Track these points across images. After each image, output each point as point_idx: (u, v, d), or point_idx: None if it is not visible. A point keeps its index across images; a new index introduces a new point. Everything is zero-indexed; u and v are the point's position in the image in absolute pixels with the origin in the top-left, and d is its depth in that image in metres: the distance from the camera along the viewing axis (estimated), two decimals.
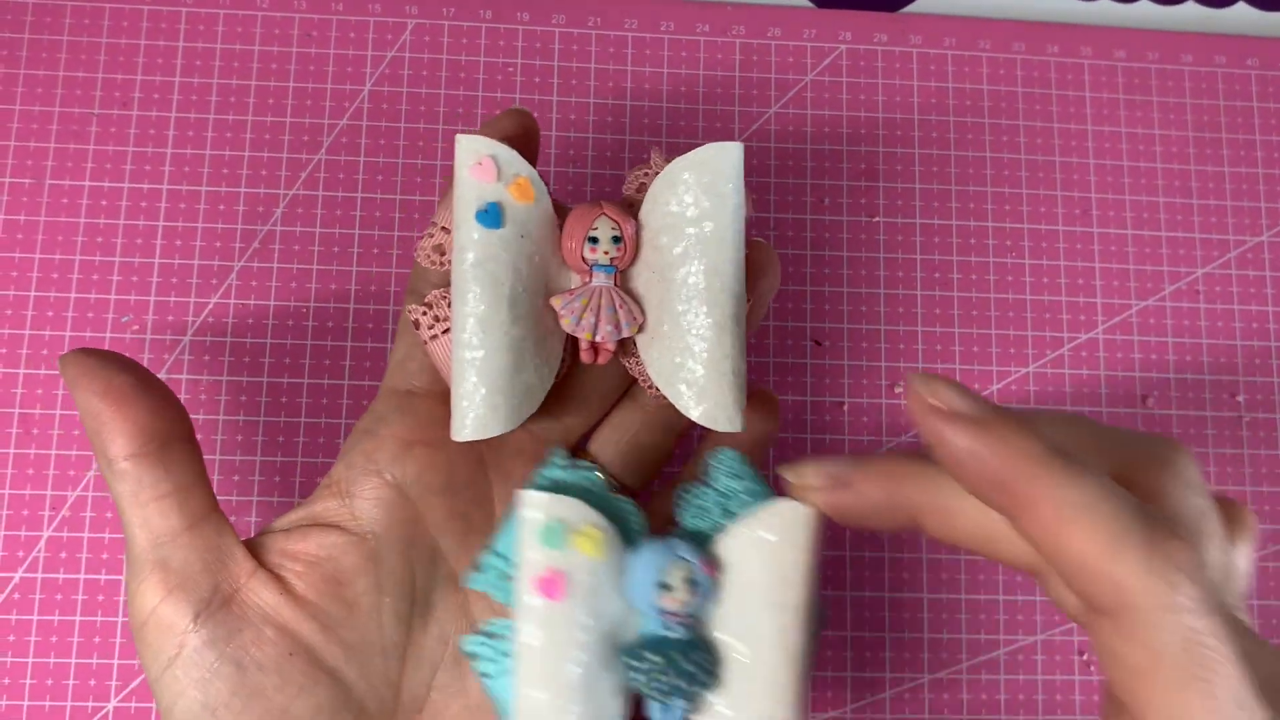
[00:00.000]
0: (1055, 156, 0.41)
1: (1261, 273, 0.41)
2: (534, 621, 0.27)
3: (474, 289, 0.28)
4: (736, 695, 0.28)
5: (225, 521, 0.30)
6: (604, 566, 0.28)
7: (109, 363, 0.29)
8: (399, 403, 0.31)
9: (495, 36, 0.40)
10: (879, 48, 0.41)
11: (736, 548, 0.28)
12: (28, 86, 0.38)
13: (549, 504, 0.27)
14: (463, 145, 0.29)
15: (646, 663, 0.27)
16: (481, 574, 0.29)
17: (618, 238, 0.30)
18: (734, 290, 0.29)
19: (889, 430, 0.38)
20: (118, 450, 0.28)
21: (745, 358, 0.29)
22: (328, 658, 0.29)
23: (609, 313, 0.29)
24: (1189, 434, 0.39)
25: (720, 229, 0.29)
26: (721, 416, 0.29)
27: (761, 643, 0.28)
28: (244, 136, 0.39)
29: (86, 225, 0.38)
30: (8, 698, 0.35)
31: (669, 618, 0.28)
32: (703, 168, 0.29)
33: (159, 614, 0.29)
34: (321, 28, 0.39)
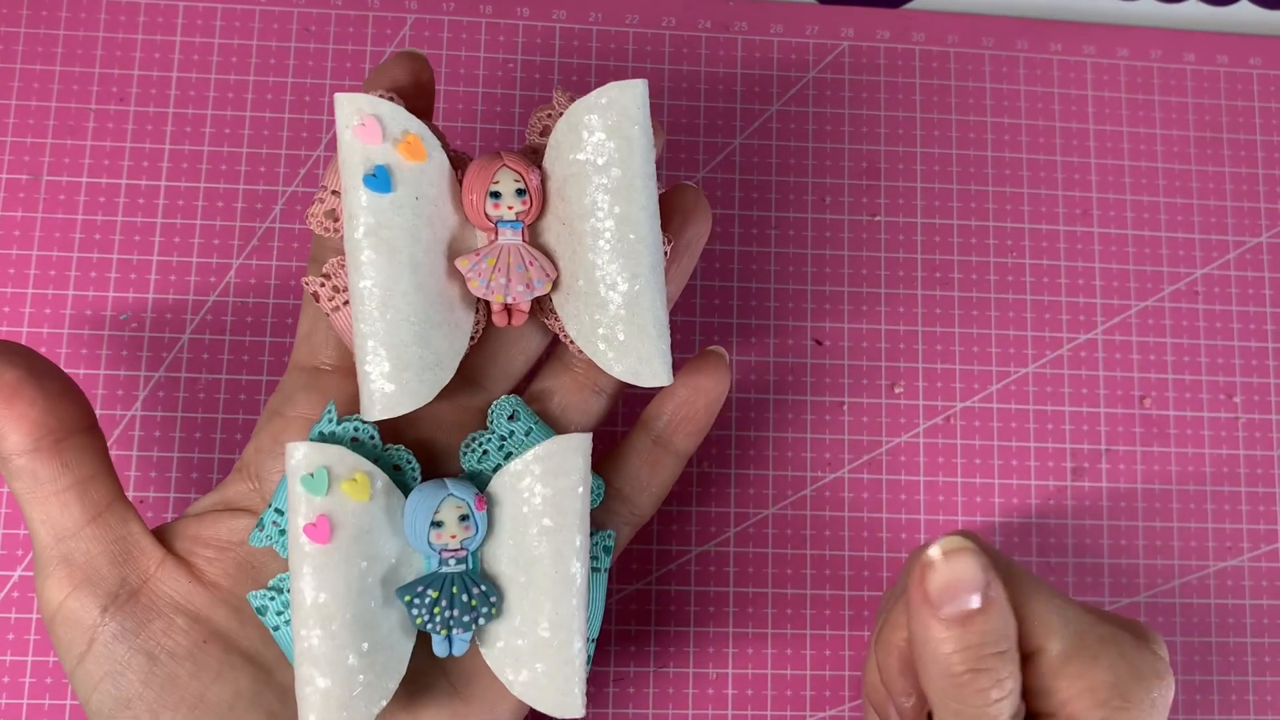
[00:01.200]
0: (1057, 156, 0.41)
1: (1260, 274, 0.41)
2: (307, 566, 0.27)
3: (368, 259, 0.27)
4: (518, 620, 0.29)
5: (131, 510, 0.29)
6: (374, 509, 0.28)
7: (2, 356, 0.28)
8: (306, 380, 0.30)
9: (495, 31, 0.40)
10: (881, 44, 0.41)
11: (511, 482, 0.29)
12: (24, 81, 0.38)
13: (311, 451, 0.27)
14: (343, 105, 0.27)
15: (423, 599, 0.28)
16: (262, 530, 0.28)
17: (522, 190, 0.28)
18: (648, 239, 0.28)
19: (889, 431, 0.38)
20: (11, 446, 0.28)
21: (666, 308, 0.29)
22: (243, 642, 0.29)
23: (519, 271, 0.28)
24: (1185, 435, 0.39)
25: (629, 174, 0.28)
26: (645, 371, 0.28)
27: (537, 566, 0.28)
28: (242, 133, 0.38)
29: (84, 222, 0.37)
30: (7, 696, 0.35)
31: (446, 555, 0.28)
32: (606, 110, 0.28)
33: (66, 609, 0.28)
34: (320, 22, 0.39)
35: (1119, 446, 0.39)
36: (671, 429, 0.32)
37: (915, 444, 0.38)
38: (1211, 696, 0.38)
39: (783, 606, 0.37)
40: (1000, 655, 0.28)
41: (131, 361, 0.37)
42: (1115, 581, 0.38)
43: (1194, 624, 0.39)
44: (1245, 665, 0.38)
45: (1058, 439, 0.39)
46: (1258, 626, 0.39)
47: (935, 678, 0.28)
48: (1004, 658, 0.28)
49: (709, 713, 0.37)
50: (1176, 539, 0.39)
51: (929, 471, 0.38)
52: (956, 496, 0.38)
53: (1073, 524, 0.39)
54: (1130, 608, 0.38)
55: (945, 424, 0.39)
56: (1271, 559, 0.39)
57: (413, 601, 0.28)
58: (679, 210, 0.31)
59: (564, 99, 0.29)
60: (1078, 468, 0.39)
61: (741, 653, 0.37)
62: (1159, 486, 0.39)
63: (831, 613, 0.37)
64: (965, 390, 0.39)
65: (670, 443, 0.32)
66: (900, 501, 0.38)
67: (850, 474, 0.38)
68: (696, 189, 0.32)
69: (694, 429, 0.32)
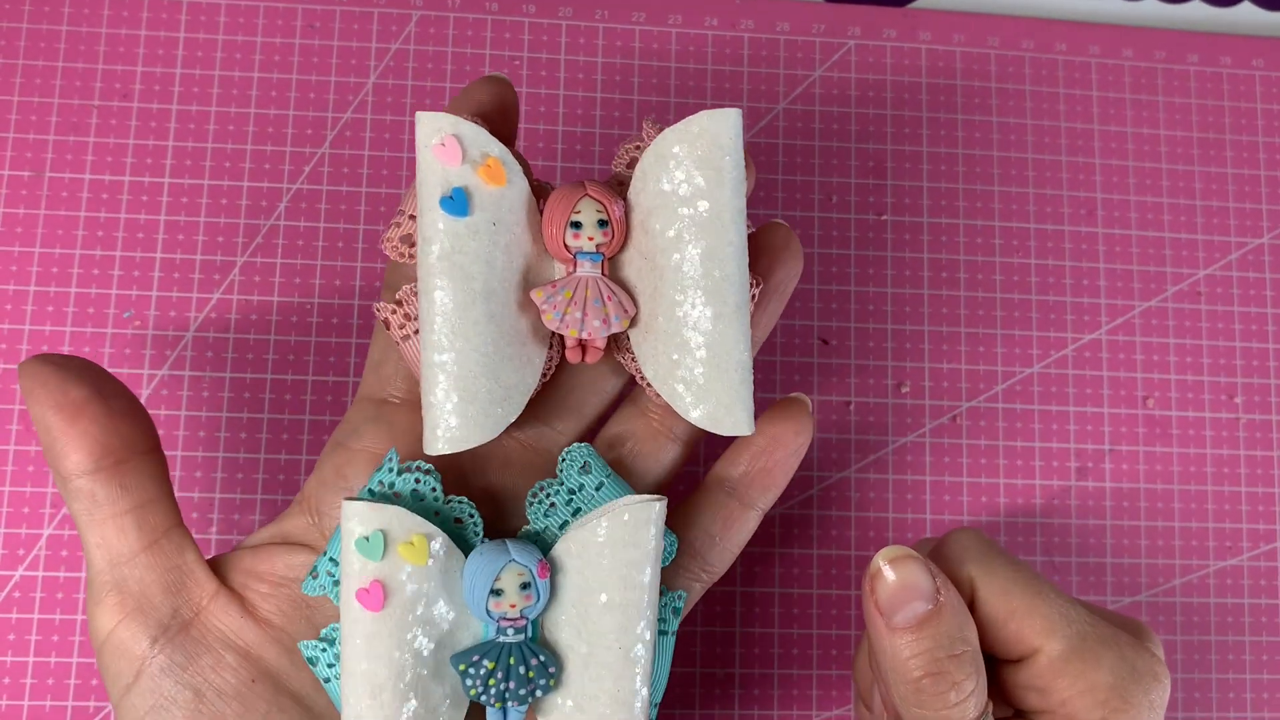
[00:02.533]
0: (1062, 156, 0.41)
1: (1261, 275, 0.41)
2: (358, 633, 0.26)
3: (440, 285, 0.26)
4: (577, 694, 0.27)
5: (188, 539, 0.28)
6: (432, 573, 0.26)
7: (65, 373, 0.27)
8: (373, 413, 0.29)
9: (501, 29, 0.39)
10: (888, 44, 0.41)
11: (576, 549, 0.27)
12: (26, 77, 0.37)
13: (368, 513, 0.26)
14: (424, 123, 0.26)
15: (478, 669, 0.26)
16: (315, 580, 0.27)
17: (604, 221, 0.27)
18: (734, 277, 0.26)
19: (895, 430, 0.39)
20: (72, 467, 0.27)
21: (750, 352, 0.27)
22: (293, 684, 0.28)
23: (596, 306, 0.27)
24: (1187, 435, 0.40)
25: (717, 208, 0.26)
26: (726, 419, 0.27)
27: (600, 640, 0.27)
28: (246, 129, 0.38)
29: (87, 219, 0.37)
30: (8, 698, 0.35)
31: (504, 624, 0.27)
32: (697, 139, 0.26)
33: (116, 637, 0.27)
34: (325, 19, 0.39)
35: (1122, 446, 0.39)
36: (748, 482, 0.30)
37: (921, 443, 0.39)
38: (1210, 694, 0.38)
39: (789, 606, 0.37)
40: (957, 658, 0.28)
41: (134, 360, 0.36)
42: (1117, 580, 0.39)
43: (1194, 622, 0.39)
44: (1244, 663, 0.39)
45: (1062, 439, 0.39)
46: (1256, 625, 0.39)
47: (896, 685, 0.28)
48: (961, 660, 0.28)
49: (715, 712, 0.37)
50: (1178, 538, 0.39)
51: (935, 471, 0.38)
52: (962, 496, 0.38)
53: (1076, 523, 0.39)
54: (1132, 606, 0.39)
55: (951, 423, 0.39)
56: (1270, 558, 0.39)
57: (467, 671, 0.27)
58: (769, 250, 0.29)
59: (652, 129, 0.28)
60: (1081, 467, 0.39)
61: (749, 652, 0.37)
62: (1161, 486, 0.39)
63: (838, 612, 0.37)
64: (971, 390, 0.39)
65: (746, 496, 0.30)
66: (906, 501, 0.38)
67: (856, 473, 0.38)
68: (788, 228, 0.30)
69: (772, 482, 0.30)
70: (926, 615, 0.28)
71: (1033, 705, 0.30)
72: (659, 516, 0.27)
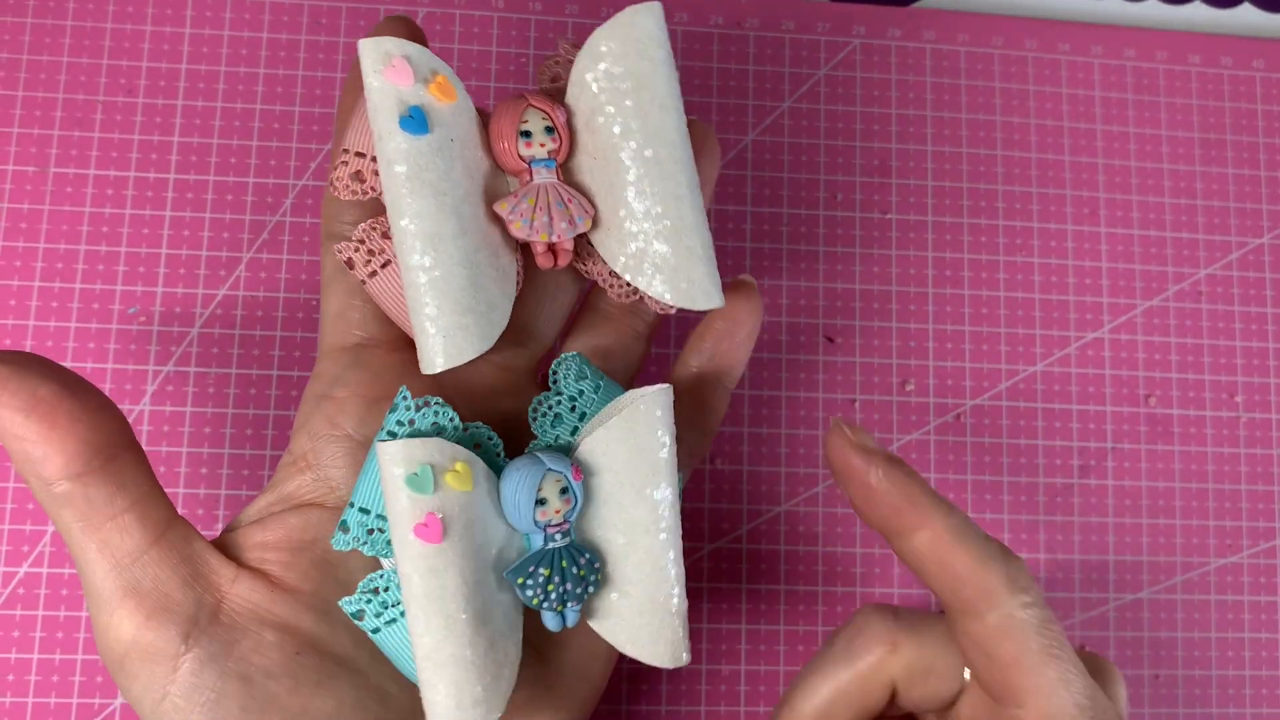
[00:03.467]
0: (1065, 155, 0.41)
1: (1261, 274, 0.41)
2: (420, 570, 0.26)
3: (412, 203, 0.26)
4: (621, 582, 0.28)
5: (190, 527, 0.27)
6: (479, 496, 0.27)
7: (27, 370, 0.25)
8: (350, 358, 0.29)
9: (507, 26, 0.40)
10: (892, 43, 0.41)
11: (599, 448, 0.28)
12: (31, 72, 0.37)
13: (412, 450, 0.26)
14: (369, 49, 0.26)
15: (536, 578, 0.27)
16: (346, 534, 0.27)
17: (550, 128, 0.27)
18: (683, 160, 0.27)
19: (900, 428, 0.39)
20: (55, 472, 0.25)
21: (709, 230, 0.28)
22: (336, 647, 0.27)
23: (560, 209, 0.27)
24: (1188, 433, 0.40)
25: (658, 96, 0.27)
26: (699, 295, 0.28)
27: (635, 528, 0.28)
28: (252, 125, 0.38)
29: (92, 214, 0.37)
30: (12, 694, 0.35)
31: (550, 529, 0.27)
32: (625, 35, 0.27)
33: (142, 642, 0.26)
34: (331, 15, 0.39)
35: (1124, 445, 0.40)
36: (715, 364, 0.31)
37: (926, 441, 0.39)
38: (1210, 691, 0.39)
39: (794, 603, 0.37)
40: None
41: (140, 356, 0.36)
42: (1119, 577, 0.39)
43: (1195, 619, 0.39)
44: (1243, 660, 0.39)
45: (1064, 437, 0.39)
46: (1256, 622, 0.39)
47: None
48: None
49: (721, 709, 0.37)
50: (1179, 536, 0.39)
51: (939, 469, 0.39)
52: (966, 493, 0.39)
53: (1079, 521, 0.39)
54: (1133, 604, 0.39)
55: (955, 421, 0.39)
56: (1270, 556, 0.40)
57: (526, 583, 0.27)
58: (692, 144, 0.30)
59: (569, 46, 0.29)
60: (1084, 465, 0.39)
61: (754, 649, 0.37)
62: (1162, 484, 0.40)
63: (843, 609, 0.38)
64: (975, 388, 0.39)
65: (715, 377, 0.32)
66: None
67: None
68: (706, 125, 0.31)
69: (737, 360, 0.32)
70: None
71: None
72: (667, 400, 0.28)
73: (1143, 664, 0.39)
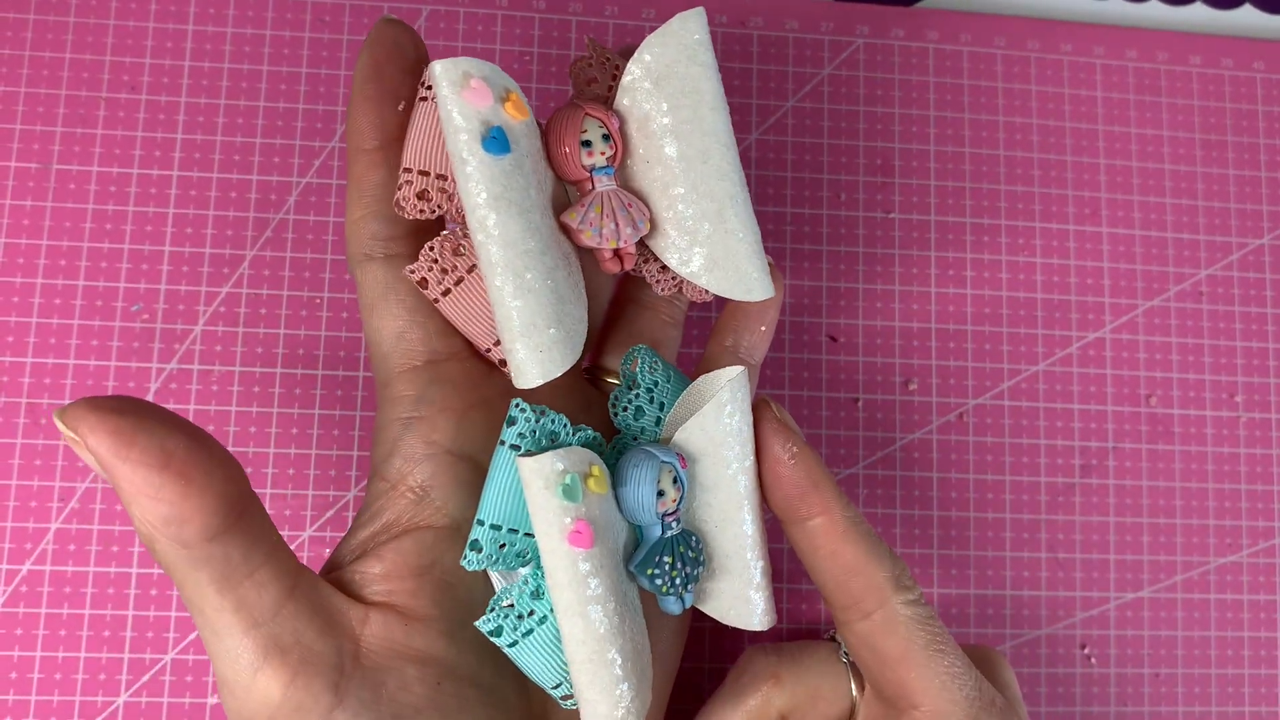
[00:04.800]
0: (1067, 156, 0.41)
1: (1262, 275, 0.41)
2: (576, 578, 0.26)
3: (499, 224, 0.26)
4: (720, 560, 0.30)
5: (313, 573, 0.26)
6: (610, 498, 0.27)
7: (152, 421, 0.23)
8: (427, 376, 0.28)
9: (511, 24, 0.39)
10: (896, 42, 0.41)
11: (695, 435, 0.29)
12: (33, 69, 0.37)
13: (557, 461, 0.26)
14: (447, 69, 0.26)
15: (661, 567, 0.28)
16: (480, 551, 0.27)
17: (606, 135, 0.28)
18: (733, 159, 0.29)
19: (903, 427, 0.39)
20: (196, 533, 0.23)
21: (756, 224, 0.29)
22: (466, 670, 0.27)
23: (624, 215, 0.28)
24: (1188, 433, 0.40)
25: (708, 99, 0.28)
26: (754, 286, 0.29)
27: (730, 506, 0.29)
28: (255, 123, 0.38)
29: (95, 212, 0.37)
30: (15, 692, 0.35)
31: (668, 519, 0.28)
32: (675, 41, 0.28)
33: (292, 701, 0.24)
34: (334, 12, 0.39)
35: (1125, 444, 0.40)
36: (748, 340, 0.32)
37: (928, 440, 0.39)
38: (1210, 689, 0.39)
39: (798, 601, 0.38)
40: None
41: (143, 353, 0.36)
42: (1120, 576, 0.39)
43: (1195, 618, 0.39)
44: (1242, 659, 0.39)
45: (1066, 436, 0.39)
46: (1255, 621, 0.39)
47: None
48: None
49: None
50: (1179, 535, 0.40)
51: (942, 468, 0.39)
52: (969, 492, 0.39)
53: (1080, 520, 0.39)
54: (1134, 602, 0.39)
55: (958, 421, 0.39)
56: (1270, 555, 0.40)
57: (655, 573, 0.28)
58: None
59: (596, 47, 0.29)
60: (1085, 464, 0.39)
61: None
62: (1163, 484, 0.40)
63: None
64: (978, 388, 0.39)
65: (748, 353, 0.33)
66: (914, 498, 0.38)
67: (865, 470, 0.38)
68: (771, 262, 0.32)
69: (766, 336, 0.33)
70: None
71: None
72: (746, 383, 0.29)
73: (1143, 663, 0.39)
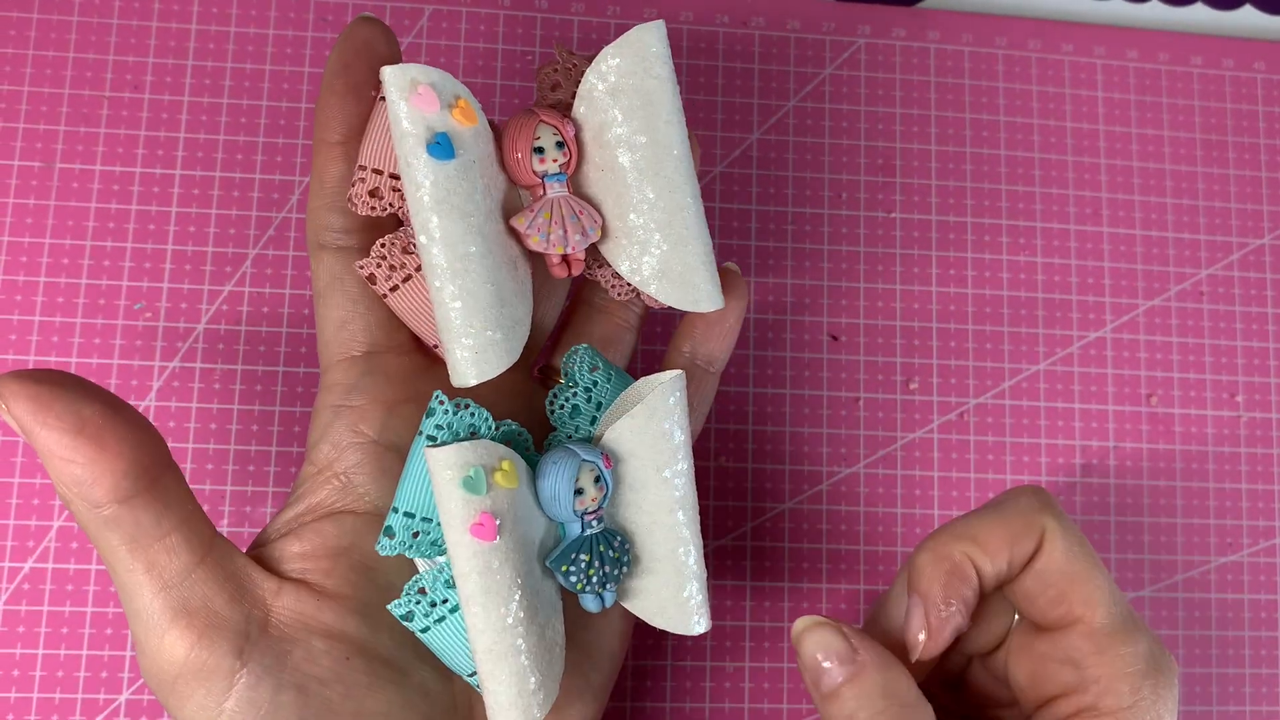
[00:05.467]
0: (1068, 156, 0.41)
1: (1262, 275, 0.41)
2: (477, 569, 0.26)
3: (440, 226, 0.27)
4: (647, 558, 0.30)
5: (231, 544, 0.28)
6: (523, 492, 0.28)
7: (70, 390, 0.25)
8: (363, 367, 0.29)
9: (514, 24, 0.40)
10: (897, 42, 0.41)
11: (624, 435, 0.29)
12: (37, 68, 0.37)
13: (462, 454, 0.26)
14: (394, 76, 0.27)
15: (578, 564, 0.28)
16: (392, 538, 0.27)
17: (560, 142, 0.29)
18: (686, 171, 0.29)
19: (904, 426, 0.39)
20: (104, 495, 0.25)
21: (710, 235, 0.30)
22: (381, 650, 0.28)
23: (573, 221, 0.28)
24: (1189, 433, 0.40)
25: (663, 111, 0.29)
26: (702, 297, 0.30)
27: (658, 509, 0.29)
28: (258, 122, 0.38)
29: (98, 210, 0.37)
30: (17, 690, 0.35)
31: (588, 517, 0.28)
32: (632, 52, 0.29)
33: (195, 662, 0.26)
34: (337, 12, 0.39)
35: (1126, 444, 0.40)
36: (706, 349, 0.32)
37: (929, 439, 0.39)
38: (1210, 688, 0.39)
39: (799, 600, 0.38)
40: (883, 714, 0.28)
41: (145, 352, 0.36)
42: (1121, 575, 0.39)
43: (1195, 617, 0.39)
44: (1243, 658, 0.39)
45: (1067, 435, 0.40)
46: (1256, 620, 0.40)
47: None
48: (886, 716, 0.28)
49: (726, 706, 0.37)
50: (1180, 534, 0.40)
51: (942, 467, 0.39)
52: (970, 492, 0.39)
53: (1081, 519, 0.39)
54: (1135, 602, 0.39)
55: (959, 420, 0.39)
56: (1270, 554, 0.40)
57: (569, 570, 0.28)
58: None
59: (566, 53, 0.30)
60: (1086, 464, 0.40)
61: (759, 646, 0.37)
62: (1163, 483, 0.40)
63: (847, 607, 0.38)
64: (979, 387, 0.39)
65: (707, 361, 0.33)
66: (915, 497, 0.39)
67: (866, 469, 0.39)
68: (734, 274, 0.32)
69: (725, 345, 0.33)
70: (848, 676, 0.29)
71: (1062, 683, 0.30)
72: (683, 386, 0.29)
73: None
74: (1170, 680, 0.29)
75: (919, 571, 0.31)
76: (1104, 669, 0.29)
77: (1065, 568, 0.30)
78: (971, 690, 0.34)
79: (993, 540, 0.30)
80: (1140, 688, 0.29)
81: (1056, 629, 0.30)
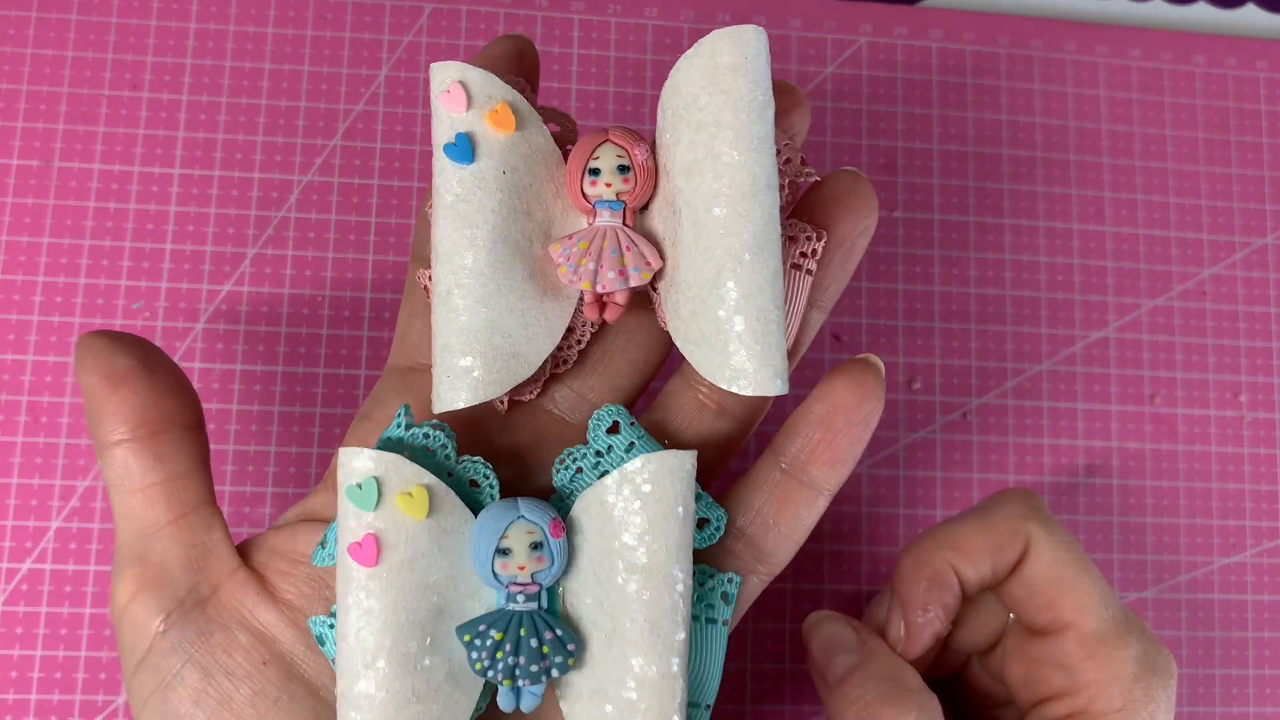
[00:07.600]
0: (1070, 155, 0.41)
1: (1265, 274, 0.41)
2: (350, 592, 0.23)
3: (444, 234, 0.25)
4: (601, 675, 0.24)
5: (218, 517, 0.28)
6: (433, 529, 0.24)
7: (115, 345, 0.27)
8: (398, 382, 0.28)
9: (514, 23, 0.39)
10: (899, 41, 0.41)
11: (596, 507, 0.24)
12: (35, 66, 0.37)
13: (365, 460, 0.24)
14: (435, 73, 0.25)
15: (484, 639, 0.24)
16: (324, 548, 0.25)
17: (625, 166, 0.25)
18: (751, 214, 0.23)
19: (907, 426, 0.39)
20: (108, 434, 0.27)
21: (783, 303, 0.24)
22: (307, 671, 0.26)
23: (613, 257, 0.24)
24: (1192, 432, 0.40)
25: (727, 136, 0.24)
26: (753, 378, 0.23)
27: (625, 612, 0.24)
28: (257, 121, 0.38)
29: (96, 209, 0.37)
30: (16, 691, 0.34)
31: (514, 589, 0.24)
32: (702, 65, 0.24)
33: (131, 610, 0.27)
34: (337, 10, 0.39)
35: (1129, 444, 0.40)
36: (805, 457, 0.26)
37: (932, 439, 0.39)
38: (1214, 689, 0.39)
39: (801, 600, 0.37)
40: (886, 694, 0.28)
41: None
42: (1124, 576, 0.39)
43: (1198, 618, 0.39)
44: (1246, 659, 0.39)
45: (1070, 435, 0.39)
46: (1259, 621, 0.39)
47: None
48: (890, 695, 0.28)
49: (727, 707, 0.37)
50: (1183, 534, 0.39)
51: (945, 467, 0.39)
52: (972, 492, 0.39)
53: (1084, 519, 0.39)
54: (1139, 602, 0.39)
55: (961, 420, 0.39)
56: (1274, 555, 0.40)
57: (473, 643, 0.24)
58: (833, 198, 0.26)
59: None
60: (1089, 464, 0.39)
61: (760, 647, 0.37)
62: (1166, 483, 0.40)
63: (850, 607, 0.38)
64: (981, 387, 0.39)
65: (804, 473, 0.26)
66: (917, 497, 0.38)
67: (869, 469, 0.38)
68: (856, 174, 0.26)
69: (835, 456, 0.26)
70: (854, 664, 0.29)
71: (1055, 686, 0.30)
72: (687, 471, 0.24)
73: None
74: (1165, 681, 0.29)
75: (900, 575, 0.31)
76: (1095, 674, 0.29)
77: (1052, 574, 0.30)
78: (971, 688, 0.34)
79: (975, 547, 0.30)
80: (1131, 691, 0.29)
81: (1048, 633, 0.30)
